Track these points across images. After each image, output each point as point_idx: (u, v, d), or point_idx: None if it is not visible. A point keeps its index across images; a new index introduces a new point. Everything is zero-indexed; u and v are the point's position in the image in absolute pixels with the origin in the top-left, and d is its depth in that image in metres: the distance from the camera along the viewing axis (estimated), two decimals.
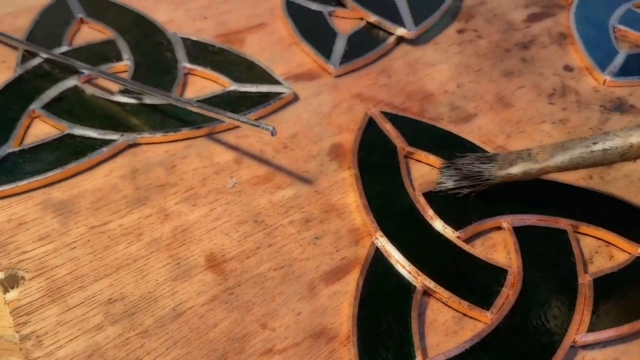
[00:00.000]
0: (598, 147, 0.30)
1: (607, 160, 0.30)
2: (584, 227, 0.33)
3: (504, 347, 0.28)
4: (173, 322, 0.28)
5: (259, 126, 0.32)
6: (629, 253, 0.33)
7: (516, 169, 0.32)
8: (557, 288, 0.30)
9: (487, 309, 0.29)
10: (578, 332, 0.29)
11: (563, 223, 0.33)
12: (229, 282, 0.30)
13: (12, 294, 0.28)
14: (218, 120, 0.36)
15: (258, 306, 0.29)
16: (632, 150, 0.29)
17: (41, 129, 0.36)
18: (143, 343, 0.27)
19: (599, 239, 0.33)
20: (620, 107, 0.41)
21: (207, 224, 0.32)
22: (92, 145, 0.34)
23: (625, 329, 0.29)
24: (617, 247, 0.33)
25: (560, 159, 0.31)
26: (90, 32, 0.43)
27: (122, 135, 0.35)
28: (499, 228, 0.33)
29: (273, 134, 0.32)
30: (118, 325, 0.28)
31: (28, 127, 0.36)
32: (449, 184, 0.34)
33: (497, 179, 0.32)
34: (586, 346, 0.29)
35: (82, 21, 0.43)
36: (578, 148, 0.30)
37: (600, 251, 0.33)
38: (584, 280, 0.31)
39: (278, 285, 0.30)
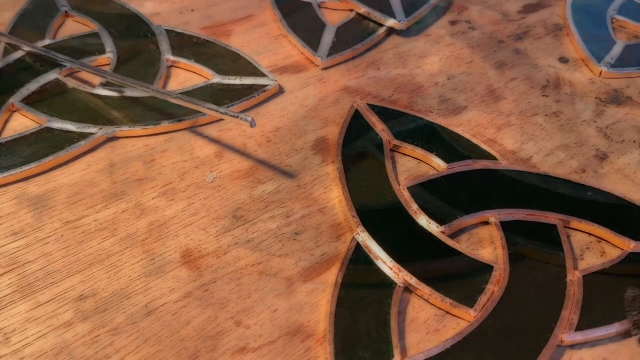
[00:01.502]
0: None
1: None
2: (575, 222, 0.32)
3: (487, 345, 0.27)
4: (144, 320, 0.27)
5: (237, 117, 0.31)
6: (621, 249, 0.31)
7: None
8: (544, 285, 0.29)
9: (471, 307, 0.28)
10: (565, 330, 0.28)
11: (553, 218, 0.32)
12: (204, 279, 0.29)
13: None
14: (200, 113, 0.35)
15: (233, 303, 0.28)
16: None
17: (21, 122, 0.35)
18: (113, 341, 0.26)
19: (590, 234, 0.32)
20: (616, 99, 0.40)
21: (184, 219, 0.31)
22: (70, 138, 0.34)
23: (614, 328, 0.28)
24: (609, 242, 0.32)
25: None
26: (75, 26, 0.42)
27: (100, 129, 0.34)
28: (487, 223, 0.32)
29: (252, 125, 0.31)
30: (88, 322, 0.27)
31: (7, 120, 0.35)
32: None
33: None
34: (574, 345, 0.28)
35: (67, 14, 0.42)
36: None
37: (591, 247, 0.32)
38: (573, 277, 0.30)
39: (255, 281, 0.29)
